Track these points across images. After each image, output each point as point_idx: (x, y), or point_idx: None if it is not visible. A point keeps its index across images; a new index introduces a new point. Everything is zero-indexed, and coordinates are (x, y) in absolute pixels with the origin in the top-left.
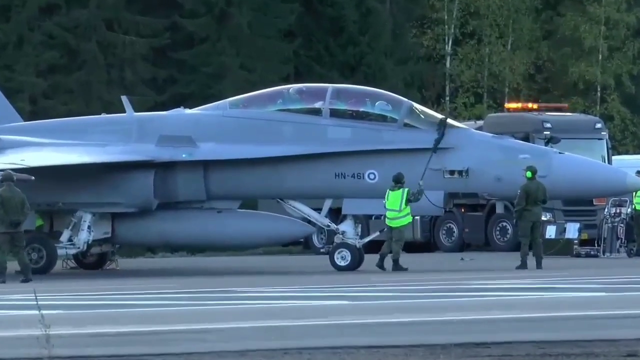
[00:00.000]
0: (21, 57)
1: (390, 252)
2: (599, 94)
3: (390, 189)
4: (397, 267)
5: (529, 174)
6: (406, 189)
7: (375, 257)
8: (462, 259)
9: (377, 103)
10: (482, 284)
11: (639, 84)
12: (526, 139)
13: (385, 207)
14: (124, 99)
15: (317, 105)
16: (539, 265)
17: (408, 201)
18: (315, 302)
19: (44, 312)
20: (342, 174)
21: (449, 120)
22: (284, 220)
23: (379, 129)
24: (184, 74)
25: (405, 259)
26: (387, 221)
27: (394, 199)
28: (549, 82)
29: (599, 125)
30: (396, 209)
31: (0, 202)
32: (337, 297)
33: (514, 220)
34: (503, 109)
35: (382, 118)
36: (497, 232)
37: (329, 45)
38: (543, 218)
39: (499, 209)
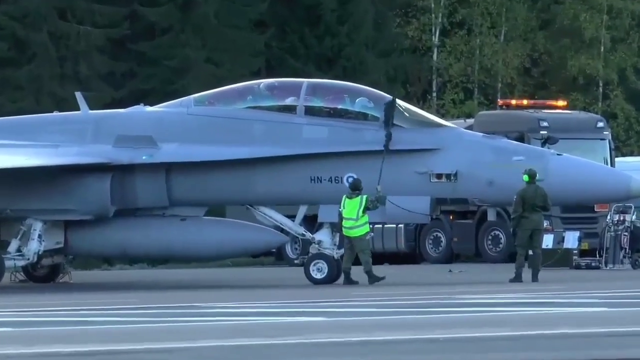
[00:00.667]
0: None
1: (348, 266)
2: (600, 89)
3: (346, 196)
4: (373, 278)
5: (526, 177)
6: (364, 196)
7: (356, 269)
8: (450, 271)
9: (357, 100)
10: (472, 298)
11: None
12: (521, 139)
13: (340, 215)
14: (78, 95)
15: (291, 102)
16: (535, 278)
17: (366, 209)
18: (289, 318)
19: None
20: (318, 177)
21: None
22: (255, 229)
23: (360, 128)
24: (144, 68)
25: (387, 271)
26: (344, 231)
27: (351, 207)
28: (546, 76)
29: (600, 124)
30: (353, 218)
31: None
32: (313, 313)
33: (511, 229)
34: (495, 106)
35: (363, 116)
36: (489, 242)
37: (304, 36)
38: None
39: (491, 216)
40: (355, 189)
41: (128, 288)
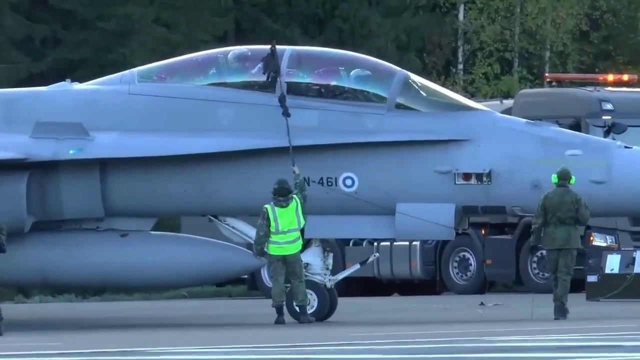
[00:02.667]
0: None
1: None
2: None
3: (273, 206)
4: (305, 317)
5: (554, 178)
6: (296, 197)
7: (353, 302)
8: (481, 304)
9: (356, 74)
10: (511, 341)
11: None
12: (577, 126)
13: (272, 232)
14: None
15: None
16: (559, 314)
17: (303, 211)
18: None
19: None
20: (304, 179)
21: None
22: (220, 248)
23: (360, 113)
24: (71, 32)
25: (398, 304)
26: (278, 250)
27: (288, 217)
28: (610, 43)
29: None
30: (295, 228)
31: None
32: None
33: (530, 246)
34: (542, 82)
35: (365, 96)
36: (534, 265)
37: None
38: (601, 243)
39: None
40: (285, 194)
41: (50, 327)
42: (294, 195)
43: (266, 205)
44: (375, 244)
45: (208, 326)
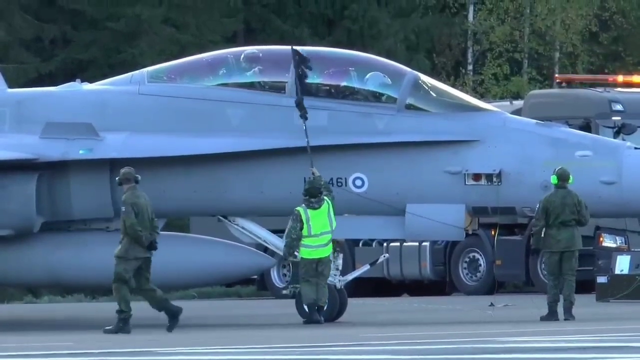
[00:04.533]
0: None
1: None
2: None
3: (305, 208)
4: (315, 316)
5: (554, 179)
6: (328, 199)
7: (363, 303)
8: (491, 304)
9: (367, 75)
10: (521, 342)
11: None
12: (587, 127)
13: (305, 236)
14: None
15: (279, 77)
16: (568, 314)
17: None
18: None
19: None
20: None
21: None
22: (229, 248)
23: (370, 113)
24: (81, 32)
25: (408, 305)
26: (310, 254)
27: (320, 219)
28: (620, 43)
29: None
30: (328, 231)
31: (135, 213)
32: None
33: (532, 248)
34: (552, 83)
35: (375, 97)
36: (544, 265)
37: None
38: (611, 244)
39: None
40: (315, 195)
41: (60, 327)
42: (325, 197)
43: (298, 208)
44: (385, 244)
45: (217, 326)
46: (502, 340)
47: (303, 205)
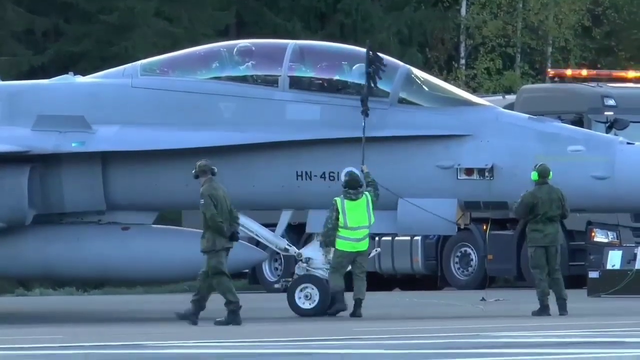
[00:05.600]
0: None
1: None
2: None
3: (343, 198)
4: (340, 305)
5: (534, 175)
6: (367, 192)
7: (351, 297)
8: (483, 299)
9: (359, 68)
10: (512, 336)
11: None
12: (579, 122)
13: (340, 227)
14: None
15: (271, 71)
16: (562, 310)
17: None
18: None
19: None
20: (306, 173)
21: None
22: None
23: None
24: (73, 25)
25: (399, 299)
26: (348, 247)
27: (358, 212)
28: (612, 38)
29: None
30: (365, 225)
31: (214, 205)
32: (300, 355)
33: (517, 245)
34: (545, 77)
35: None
36: (530, 259)
37: None
38: (602, 239)
39: None
40: (354, 186)
41: (51, 320)
42: (366, 192)
43: (336, 198)
44: (377, 238)
45: (209, 320)
46: (493, 335)
47: (341, 195)
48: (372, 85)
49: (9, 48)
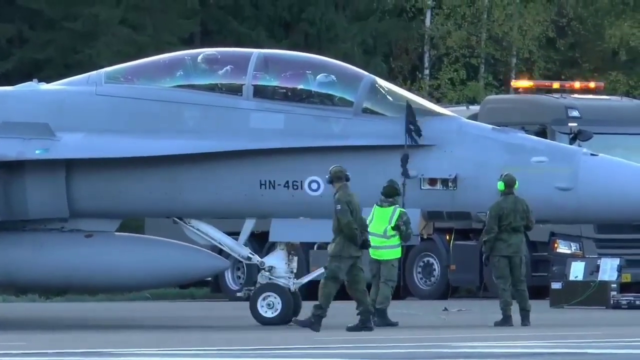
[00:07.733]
0: None
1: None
2: None
3: (378, 204)
4: (384, 320)
5: (501, 185)
6: (399, 209)
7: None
8: (445, 309)
9: (323, 78)
10: (473, 347)
11: None
12: (543, 133)
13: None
14: None
15: (235, 79)
16: (525, 321)
17: (396, 227)
18: None
19: None
20: (270, 182)
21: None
22: (184, 250)
23: (327, 117)
24: (38, 32)
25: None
26: (371, 252)
27: (380, 219)
28: (577, 50)
29: None
30: (379, 234)
31: (350, 211)
32: None
33: (484, 256)
34: (509, 88)
35: (331, 100)
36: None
37: None
38: (565, 250)
39: None
40: (390, 195)
41: (13, 327)
42: (398, 207)
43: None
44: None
45: (172, 328)
46: (456, 345)
47: (378, 201)
48: (416, 140)
49: None
